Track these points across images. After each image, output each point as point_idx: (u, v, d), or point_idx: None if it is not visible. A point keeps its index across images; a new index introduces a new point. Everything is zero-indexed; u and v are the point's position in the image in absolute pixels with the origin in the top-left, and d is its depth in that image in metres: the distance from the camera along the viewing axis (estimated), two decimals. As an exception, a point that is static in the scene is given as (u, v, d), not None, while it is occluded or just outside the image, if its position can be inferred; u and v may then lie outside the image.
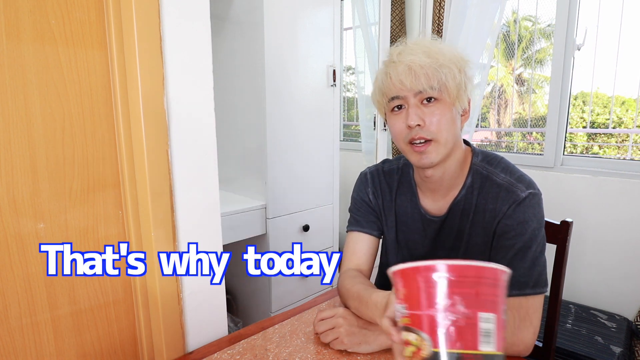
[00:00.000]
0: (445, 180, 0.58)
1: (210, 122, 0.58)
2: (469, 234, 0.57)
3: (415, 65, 0.51)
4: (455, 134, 0.54)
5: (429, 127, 0.52)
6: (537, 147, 2.32)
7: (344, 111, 2.32)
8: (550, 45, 3.14)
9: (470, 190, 0.58)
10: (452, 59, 0.52)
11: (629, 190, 1.21)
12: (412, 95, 0.52)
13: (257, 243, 1.28)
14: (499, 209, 0.54)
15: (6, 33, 0.43)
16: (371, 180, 0.68)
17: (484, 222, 0.56)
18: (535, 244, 0.53)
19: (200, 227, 0.59)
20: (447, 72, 0.51)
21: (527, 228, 0.53)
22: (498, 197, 0.55)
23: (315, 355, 0.52)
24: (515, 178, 0.55)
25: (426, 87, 0.51)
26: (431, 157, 0.53)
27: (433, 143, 0.53)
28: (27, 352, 0.48)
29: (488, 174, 0.57)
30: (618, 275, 1.24)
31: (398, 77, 0.52)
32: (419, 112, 0.52)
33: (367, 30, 1.72)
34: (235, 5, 1.21)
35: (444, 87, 0.51)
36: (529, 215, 0.53)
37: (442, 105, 0.52)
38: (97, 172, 0.51)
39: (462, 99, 0.53)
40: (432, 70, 0.51)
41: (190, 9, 0.54)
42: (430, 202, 0.61)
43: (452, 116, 0.53)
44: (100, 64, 0.50)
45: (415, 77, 0.51)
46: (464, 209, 0.58)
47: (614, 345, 1.04)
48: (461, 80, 0.52)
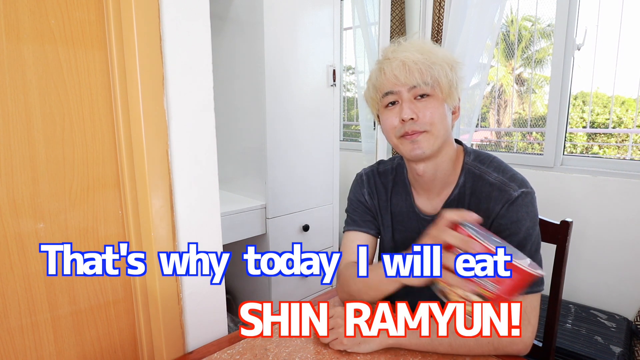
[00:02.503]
0: (438, 177, 0.58)
1: (210, 122, 0.58)
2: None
3: (409, 61, 0.52)
4: (447, 128, 0.55)
5: (422, 119, 0.53)
6: (537, 147, 2.32)
7: (344, 111, 2.32)
8: (550, 45, 3.14)
9: (463, 190, 0.58)
10: (444, 58, 0.54)
11: (629, 190, 1.21)
12: (405, 90, 0.53)
13: (257, 243, 1.28)
14: (492, 208, 0.55)
15: (6, 33, 0.43)
16: (367, 181, 0.68)
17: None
18: (530, 243, 0.53)
19: (200, 227, 0.59)
20: (440, 70, 0.52)
21: (521, 227, 0.53)
22: (491, 196, 0.55)
23: (315, 355, 0.52)
24: (507, 177, 0.55)
25: (420, 82, 0.52)
26: (423, 147, 0.54)
27: (425, 134, 0.53)
28: (27, 352, 0.48)
29: (480, 173, 0.57)
30: (618, 275, 1.24)
31: (392, 72, 0.53)
32: (412, 107, 0.53)
33: (367, 30, 1.72)
34: (235, 5, 1.21)
35: (436, 83, 0.52)
36: (522, 214, 0.53)
37: (435, 100, 0.53)
38: (97, 172, 0.51)
39: (453, 96, 0.55)
40: (426, 67, 0.52)
41: (190, 8, 0.54)
42: (425, 200, 0.62)
43: (444, 111, 0.54)
44: (100, 64, 0.50)
45: (409, 72, 0.52)
46: (457, 208, 0.58)
47: (613, 345, 1.04)
48: (452, 78, 0.54)
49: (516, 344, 0.50)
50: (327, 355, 0.52)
